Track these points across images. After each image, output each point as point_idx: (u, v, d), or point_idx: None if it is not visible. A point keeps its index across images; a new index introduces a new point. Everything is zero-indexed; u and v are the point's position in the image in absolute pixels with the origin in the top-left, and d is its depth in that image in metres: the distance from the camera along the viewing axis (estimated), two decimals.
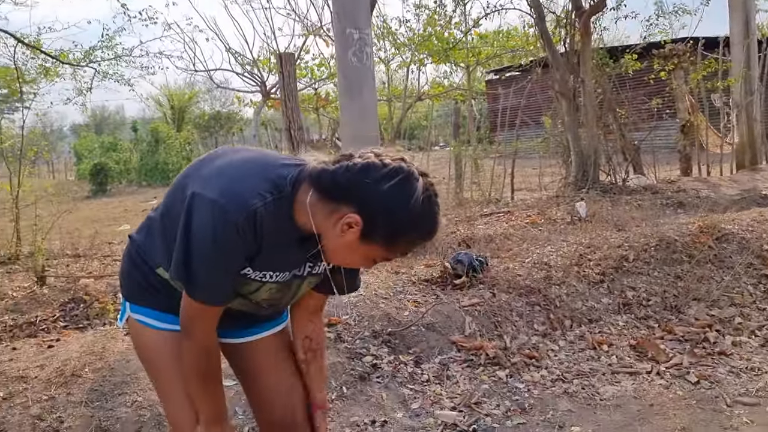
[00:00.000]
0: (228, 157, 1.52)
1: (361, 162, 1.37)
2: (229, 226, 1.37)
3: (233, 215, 1.37)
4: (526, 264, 4.55)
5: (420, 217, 1.37)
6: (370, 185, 1.34)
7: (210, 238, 1.38)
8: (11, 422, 2.80)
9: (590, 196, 7.60)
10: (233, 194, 1.38)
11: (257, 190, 1.40)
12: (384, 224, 1.36)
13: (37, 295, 5.21)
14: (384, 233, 1.38)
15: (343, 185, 1.37)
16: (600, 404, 3.13)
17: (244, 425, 2.90)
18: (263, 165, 1.48)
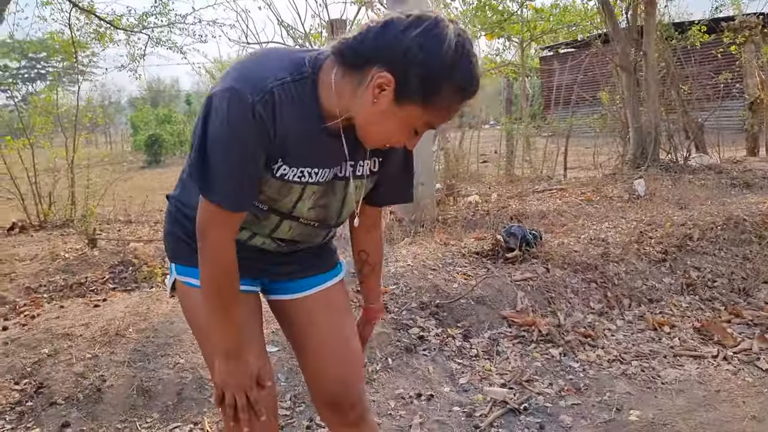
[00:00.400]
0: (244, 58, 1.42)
1: (381, 20, 1.25)
2: (245, 109, 1.25)
3: (248, 98, 1.24)
4: (582, 240, 4.34)
5: (455, 63, 1.22)
6: (396, 37, 1.21)
7: (226, 126, 1.26)
8: (55, 378, 2.78)
9: (649, 174, 7.27)
10: (248, 79, 1.27)
11: (274, 73, 1.28)
12: (417, 76, 1.21)
13: (88, 257, 5.26)
14: (419, 87, 1.22)
15: (367, 47, 1.24)
16: (661, 388, 2.94)
17: (286, 392, 2.82)
18: (281, 53, 1.37)
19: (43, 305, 4.01)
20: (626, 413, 2.73)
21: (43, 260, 5.25)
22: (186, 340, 3.06)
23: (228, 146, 1.27)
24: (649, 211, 5.09)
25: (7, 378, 2.83)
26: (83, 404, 2.66)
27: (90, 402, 2.67)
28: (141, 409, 2.66)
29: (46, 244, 5.93)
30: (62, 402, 2.66)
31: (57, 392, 2.71)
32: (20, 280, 4.78)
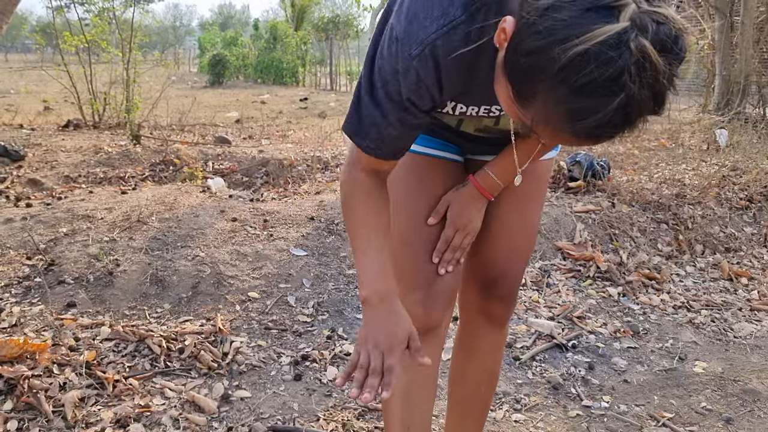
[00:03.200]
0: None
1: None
2: (404, 64, 0.97)
3: (408, 53, 0.96)
4: (655, 179, 3.90)
5: (579, 67, 0.73)
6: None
7: (386, 74, 1.01)
8: (67, 257, 2.60)
9: (733, 126, 6.63)
10: (410, 29, 0.96)
11: (444, 12, 0.94)
12: (527, 45, 0.78)
13: (130, 153, 5.10)
14: (521, 60, 0.79)
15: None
16: (733, 342, 2.57)
17: (309, 299, 2.57)
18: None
19: (75, 190, 3.87)
20: (690, 363, 2.38)
21: (86, 153, 5.13)
22: (209, 234, 2.83)
23: (384, 96, 1.02)
24: (732, 157, 4.57)
25: (20, 252, 2.67)
26: (92, 286, 2.47)
27: (100, 285, 2.48)
28: (153, 298, 2.47)
29: (93, 140, 5.83)
30: (71, 282, 2.49)
31: (67, 271, 2.53)
32: (60, 169, 4.67)
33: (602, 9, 0.73)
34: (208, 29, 38.47)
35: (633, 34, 0.71)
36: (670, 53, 0.72)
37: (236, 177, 4.86)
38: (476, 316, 1.47)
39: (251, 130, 8.37)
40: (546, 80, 0.76)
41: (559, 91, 0.75)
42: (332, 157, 5.20)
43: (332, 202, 3.23)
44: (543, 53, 0.75)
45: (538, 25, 0.75)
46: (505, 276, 1.42)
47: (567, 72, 0.73)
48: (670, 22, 0.73)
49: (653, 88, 0.73)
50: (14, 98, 13.11)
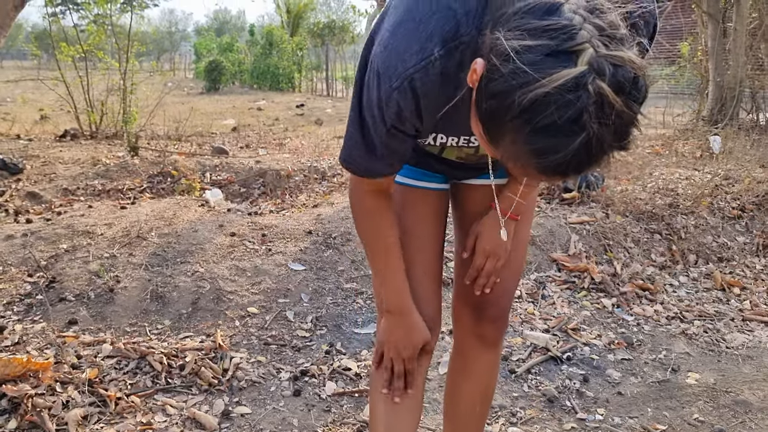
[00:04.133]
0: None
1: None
2: (384, 96, 1.02)
3: (388, 85, 1.01)
4: (649, 189, 3.95)
5: (540, 109, 0.76)
6: (509, 22, 0.83)
7: (371, 105, 1.07)
8: (68, 274, 2.63)
9: (726, 133, 6.69)
10: (389, 62, 1.01)
11: (421, 47, 0.97)
12: (493, 88, 0.82)
13: (128, 165, 5.13)
14: (488, 103, 0.83)
15: (492, 9, 0.91)
16: (725, 352, 2.61)
17: (307, 314, 2.61)
18: (444, 5, 0.98)
19: (74, 204, 3.90)
20: (683, 375, 2.42)
21: (84, 164, 5.15)
22: (208, 249, 2.87)
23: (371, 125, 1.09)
24: (725, 165, 4.62)
25: (21, 269, 2.70)
26: (93, 303, 2.50)
27: (101, 302, 2.51)
28: (153, 314, 2.50)
29: (91, 151, 5.86)
30: (72, 299, 2.52)
31: (68, 288, 2.56)
32: (59, 181, 4.70)
33: (561, 54, 0.77)
34: (204, 35, 38.52)
35: (591, 77, 0.75)
36: (628, 94, 0.76)
37: (234, 188, 4.89)
38: (469, 338, 1.50)
39: (248, 138, 8.40)
40: (511, 121, 0.80)
41: (523, 131, 0.79)
42: (329, 167, 5.24)
43: (329, 216, 3.27)
44: (506, 96, 0.79)
45: (501, 69, 0.79)
46: (495, 298, 1.45)
47: (529, 114, 0.77)
48: (627, 65, 0.77)
49: (614, 127, 0.77)
50: (10, 107, 13.13)
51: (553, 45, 0.77)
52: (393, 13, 1.04)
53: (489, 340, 1.50)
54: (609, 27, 0.79)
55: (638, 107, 0.79)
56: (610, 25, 0.79)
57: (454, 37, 0.95)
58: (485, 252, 1.40)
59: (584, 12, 0.80)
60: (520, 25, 0.80)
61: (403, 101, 1.01)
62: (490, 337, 1.50)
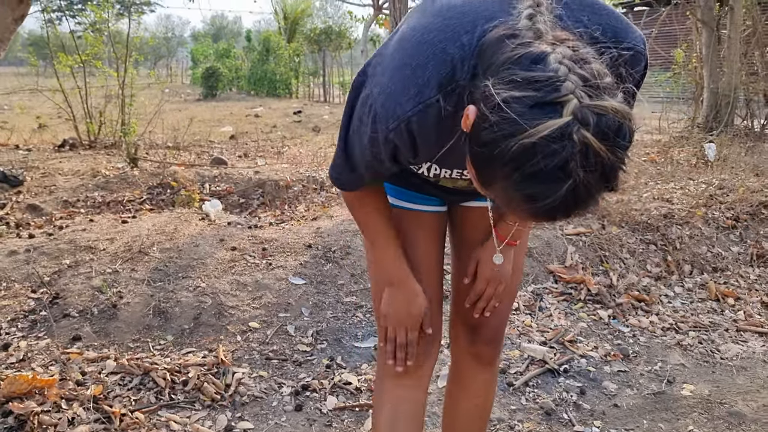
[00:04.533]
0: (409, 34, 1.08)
1: (518, 41, 0.89)
2: (379, 135, 1.07)
3: (384, 127, 1.06)
4: (644, 199, 3.99)
5: (529, 158, 0.80)
6: (498, 71, 0.87)
7: (362, 138, 1.12)
8: (71, 290, 2.67)
9: (721, 140, 6.75)
10: (387, 104, 1.05)
11: (419, 91, 1.01)
12: (483, 136, 0.86)
13: (128, 176, 5.16)
14: (479, 150, 0.88)
15: (484, 57, 0.94)
16: (720, 363, 2.65)
17: (308, 328, 2.64)
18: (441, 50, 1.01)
19: (75, 218, 3.93)
20: (678, 386, 2.46)
21: (84, 176, 5.18)
22: (209, 264, 2.90)
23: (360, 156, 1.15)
24: (720, 174, 4.67)
25: (24, 285, 2.73)
26: (97, 319, 2.53)
27: (104, 317, 2.54)
28: (156, 329, 2.53)
29: (90, 162, 5.89)
30: (76, 315, 2.55)
31: (72, 304, 2.59)
32: (59, 193, 4.73)
33: (546, 105, 0.80)
34: (201, 41, 38.56)
35: (575, 127, 0.78)
36: (612, 141, 0.80)
37: (233, 198, 4.92)
38: (465, 357, 1.55)
39: (246, 146, 8.44)
40: (501, 168, 0.84)
41: (513, 178, 0.83)
42: (327, 177, 5.27)
43: (329, 229, 3.30)
44: (496, 145, 0.83)
45: (491, 118, 0.83)
46: (491, 320, 1.50)
47: (518, 162, 0.81)
48: (611, 114, 0.80)
49: (600, 173, 0.80)
50: (8, 115, 13.15)
51: (539, 96, 0.80)
52: (391, 56, 1.07)
53: (485, 359, 1.55)
54: (593, 77, 0.82)
55: (623, 153, 0.82)
56: (595, 74, 0.83)
57: (450, 81, 0.99)
58: (486, 277, 1.44)
59: (569, 62, 0.83)
60: (508, 75, 0.84)
61: (399, 141, 1.05)
62: (485, 357, 1.54)
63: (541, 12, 0.96)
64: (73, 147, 7.29)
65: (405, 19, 1.16)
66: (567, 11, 1.01)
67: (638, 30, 1.12)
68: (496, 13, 0.99)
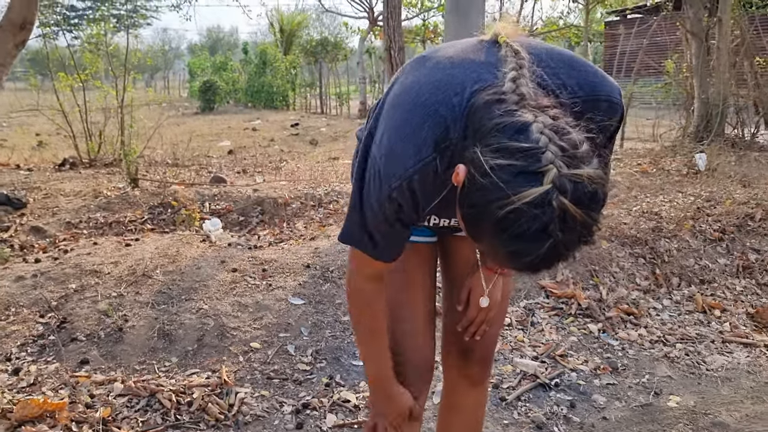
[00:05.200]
0: (404, 99, 1.19)
1: (503, 107, 0.99)
2: (385, 194, 1.15)
3: (388, 185, 1.14)
4: (634, 212, 4.10)
5: (513, 221, 0.90)
6: (486, 137, 0.97)
7: (371, 200, 1.19)
8: (78, 314, 2.76)
9: (712, 150, 6.87)
10: (388, 164, 1.14)
11: (417, 151, 1.11)
12: (472, 198, 0.97)
13: (129, 196, 5.26)
14: (468, 210, 0.99)
15: (473, 120, 1.04)
16: (705, 374, 2.75)
17: (307, 347, 2.74)
18: (434, 112, 1.11)
19: (80, 240, 4.03)
20: (665, 398, 2.56)
21: (86, 197, 5.28)
22: (211, 286, 3.00)
23: (372, 216, 1.21)
24: (708, 186, 4.78)
25: (33, 310, 2.82)
26: (104, 342, 2.63)
27: (110, 341, 2.64)
28: (160, 352, 2.62)
29: (91, 182, 5.99)
30: (83, 339, 2.64)
31: (79, 328, 2.69)
32: (62, 215, 4.82)
33: (529, 174, 0.90)
34: (198, 54, 38.70)
35: (554, 194, 0.88)
36: (587, 206, 0.90)
37: (232, 217, 5.02)
38: (457, 378, 1.65)
39: (244, 162, 8.55)
40: (488, 228, 0.94)
41: (499, 237, 0.93)
42: (325, 193, 5.38)
43: (326, 249, 3.41)
44: (484, 207, 0.93)
45: (480, 181, 0.93)
46: (481, 343, 1.60)
47: (503, 224, 0.91)
48: (586, 181, 0.90)
49: (577, 233, 0.91)
50: (6, 132, 13.27)
51: (523, 166, 0.90)
52: (389, 116, 1.17)
53: (476, 379, 1.65)
54: (571, 146, 0.92)
55: (597, 214, 0.93)
56: (572, 144, 0.93)
57: (444, 140, 1.09)
58: (478, 304, 1.54)
59: (550, 132, 0.93)
60: (495, 142, 0.94)
61: (402, 199, 1.14)
62: (476, 377, 1.64)
63: (524, 75, 1.06)
64: (74, 166, 7.40)
65: (399, 75, 1.26)
66: (547, 70, 1.11)
67: (614, 81, 1.23)
68: (482, 75, 1.09)
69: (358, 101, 19.29)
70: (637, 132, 10.14)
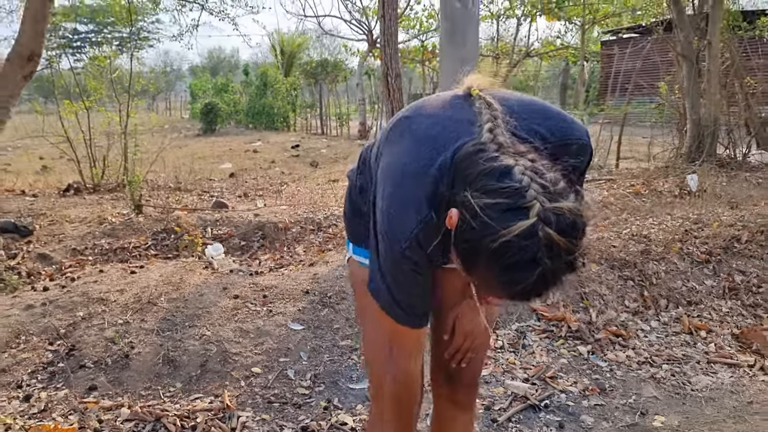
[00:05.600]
0: (398, 158, 1.33)
1: (486, 155, 1.12)
2: (399, 253, 1.29)
3: (399, 245, 1.27)
4: (623, 235, 4.22)
5: (504, 253, 1.02)
6: (474, 183, 1.10)
7: (387, 263, 1.34)
8: (86, 341, 2.88)
9: (704, 170, 7.01)
10: (394, 226, 1.28)
11: (417, 209, 1.24)
12: (466, 235, 1.09)
13: (133, 222, 5.39)
14: (463, 245, 1.11)
15: (459, 171, 1.17)
16: (690, 395, 2.85)
17: (306, 371, 2.85)
18: (425, 170, 1.24)
19: (86, 267, 4.15)
20: (651, 418, 2.66)
21: (91, 223, 5.41)
22: (214, 312, 3.12)
23: (392, 276, 1.35)
24: (697, 208, 4.90)
25: (42, 338, 2.94)
26: (111, 369, 2.74)
27: (117, 367, 2.75)
28: (165, 378, 2.73)
29: (96, 208, 6.12)
30: (91, 366, 2.76)
31: (87, 355, 2.80)
32: (68, 242, 4.95)
33: (516, 210, 1.03)
34: (199, 75, 39.05)
35: (540, 226, 1.01)
36: (569, 234, 1.02)
37: (234, 242, 5.15)
38: (446, 404, 1.77)
39: (246, 185, 8.70)
40: (482, 260, 1.07)
41: (492, 269, 1.06)
42: (324, 218, 5.51)
43: (325, 275, 3.52)
44: (477, 243, 1.06)
45: (472, 222, 1.06)
46: (468, 369, 1.71)
47: (495, 256, 1.04)
48: (566, 213, 1.03)
49: (563, 260, 1.03)
50: (11, 156, 13.45)
51: (510, 203, 1.04)
52: (385, 185, 1.30)
53: (463, 404, 1.76)
54: (551, 184, 1.05)
55: (578, 243, 1.04)
56: (552, 182, 1.06)
57: (436, 196, 1.22)
58: (465, 333, 1.65)
59: (531, 173, 1.07)
60: (482, 186, 1.08)
61: (414, 255, 1.27)
62: (463, 401, 1.76)
63: (499, 125, 1.20)
64: (78, 191, 7.54)
65: (385, 137, 1.39)
66: (519, 121, 1.25)
67: (582, 124, 1.37)
68: (461, 134, 1.24)
69: (358, 122, 19.52)
70: (632, 151, 10.31)
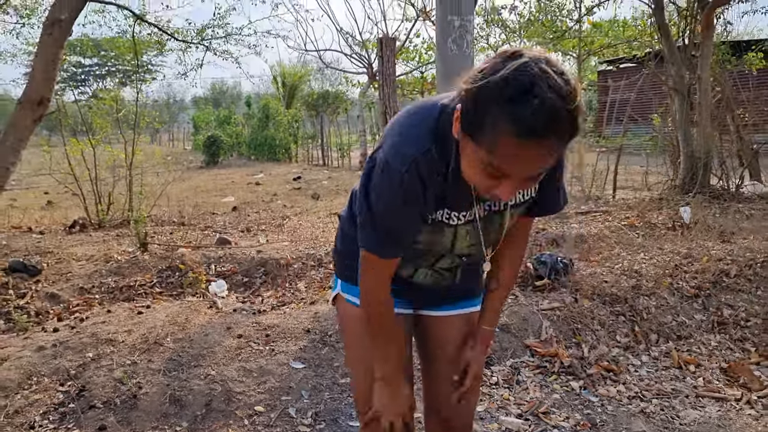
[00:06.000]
0: (398, 117, 1.50)
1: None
2: (396, 180, 1.38)
3: (398, 170, 1.37)
4: (615, 270, 4.34)
5: (509, 98, 1.12)
6: (475, 74, 1.20)
7: (382, 193, 1.42)
8: (95, 382, 2.99)
9: (697, 201, 7.16)
10: (397, 152, 1.39)
11: (419, 143, 1.37)
12: (467, 104, 1.21)
13: (138, 260, 5.53)
14: (466, 118, 1.21)
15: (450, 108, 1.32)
16: (679, 429, 2.95)
17: (308, 409, 2.95)
18: (424, 118, 1.40)
19: (94, 306, 4.28)
20: None
21: (97, 261, 5.55)
22: (218, 352, 3.23)
23: (385, 210, 1.43)
24: (688, 242, 5.03)
25: (53, 379, 3.05)
26: (120, 409, 2.85)
27: (126, 407, 2.86)
28: (172, 417, 2.84)
29: (102, 245, 6.26)
30: (101, 406, 2.87)
31: (97, 396, 2.92)
32: (75, 281, 5.08)
33: (508, 59, 1.16)
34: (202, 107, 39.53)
35: (533, 63, 1.14)
36: (562, 75, 1.15)
37: (237, 278, 5.28)
38: None
39: (248, 219, 8.84)
40: (488, 104, 1.15)
41: (495, 110, 1.14)
42: (325, 254, 5.64)
43: (325, 313, 3.65)
44: (480, 92, 1.17)
45: (473, 89, 1.18)
46: (461, 413, 1.83)
47: (496, 96, 1.13)
48: (554, 63, 1.16)
49: (559, 92, 1.12)
50: (16, 192, 13.63)
51: (500, 61, 1.18)
52: (390, 131, 1.44)
53: None
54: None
55: (573, 84, 1.15)
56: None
57: (436, 128, 1.36)
58: (476, 376, 1.77)
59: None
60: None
61: (411, 182, 1.37)
62: None
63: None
64: (84, 228, 7.70)
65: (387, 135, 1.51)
66: None
67: None
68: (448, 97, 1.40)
69: (359, 152, 19.74)
70: (629, 180, 10.46)
